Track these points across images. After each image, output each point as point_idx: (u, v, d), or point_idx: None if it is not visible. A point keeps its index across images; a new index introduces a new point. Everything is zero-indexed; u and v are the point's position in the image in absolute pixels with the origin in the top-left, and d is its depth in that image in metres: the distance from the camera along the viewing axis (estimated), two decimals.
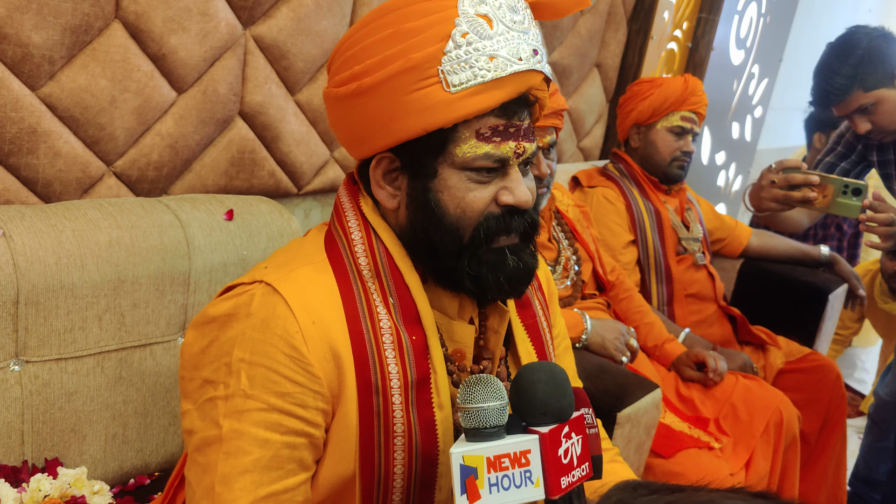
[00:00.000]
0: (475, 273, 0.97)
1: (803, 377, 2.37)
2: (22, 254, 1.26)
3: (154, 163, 1.64)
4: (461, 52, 0.90)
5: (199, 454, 0.94)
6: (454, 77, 0.90)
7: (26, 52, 1.38)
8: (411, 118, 0.92)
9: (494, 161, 0.95)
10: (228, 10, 1.67)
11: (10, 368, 1.28)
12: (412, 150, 0.96)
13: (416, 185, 0.97)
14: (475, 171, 0.95)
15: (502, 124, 0.94)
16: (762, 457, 1.94)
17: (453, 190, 0.95)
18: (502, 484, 0.83)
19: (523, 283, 1.00)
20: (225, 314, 0.95)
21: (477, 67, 0.90)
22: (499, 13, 0.92)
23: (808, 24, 4.56)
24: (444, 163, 0.95)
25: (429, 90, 0.91)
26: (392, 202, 1.00)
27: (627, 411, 1.63)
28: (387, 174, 0.99)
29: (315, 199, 2.07)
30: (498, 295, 1.00)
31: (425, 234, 0.97)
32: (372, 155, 0.99)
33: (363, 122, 0.96)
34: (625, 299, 2.18)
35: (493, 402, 0.86)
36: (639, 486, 0.49)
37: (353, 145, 1.01)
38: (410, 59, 0.91)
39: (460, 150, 0.94)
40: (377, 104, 0.93)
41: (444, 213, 0.96)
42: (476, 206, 0.95)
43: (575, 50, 2.71)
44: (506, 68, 0.91)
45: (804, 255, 2.77)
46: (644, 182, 2.43)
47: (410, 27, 0.92)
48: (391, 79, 0.92)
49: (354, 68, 0.95)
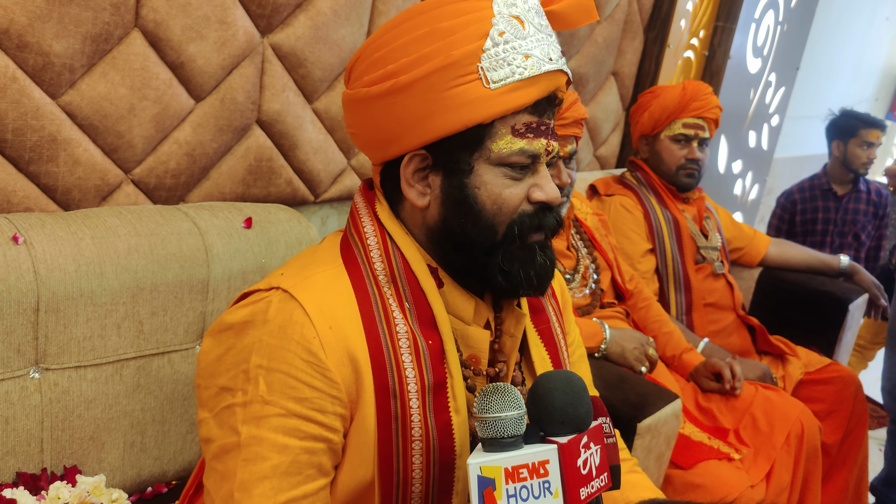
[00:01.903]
0: (507, 268, 0.98)
1: (823, 388, 2.34)
2: (42, 261, 1.26)
3: (172, 171, 1.64)
4: (500, 49, 0.93)
5: (217, 462, 0.94)
6: (494, 73, 0.93)
7: (47, 60, 1.38)
8: (450, 114, 0.94)
9: (528, 156, 0.97)
10: (247, 18, 1.67)
11: (31, 376, 1.28)
12: (447, 147, 0.96)
13: (451, 182, 0.98)
14: (510, 167, 0.97)
15: (535, 121, 0.97)
16: (783, 468, 1.92)
17: (490, 186, 0.97)
18: (521, 495, 0.82)
19: (548, 279, 1.02)
20: (242, 321, 0.95)
21: (515, 65, 0.93)
22: (528, 15, 0.96)
23: (826, 33, 4.54)
24: (479, 159, 0.96)
25: (468, 86, 0.93)
26: (422, 200, 1.00)
27: (648, 422, 1.61)
28: (417, 172, 1.00)
29: (332, 207, 2.07)
30: (528, 290, 1.01)
31: (462, 230, 0.98)
32: (401, 154, 0.99)
33: (396, 121, 0.97)
34: (643, 308, 2.17)
35: (511, 411, 0.85)
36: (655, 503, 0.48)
37: (381, 146, 1.01)
38: (450, 56, 0.92)
39: (496, 146, 0.96)
40: (413, 102, 0.94)
41: (481, 208, 0.97)
42: (512, 202, 0.97)
43: (592, 58, 2.71)
44: (540, 67, 0.94)
45: (823, 265, 2.75)
46: (662, 190, 2.41)
47: (447, 26, 0.93)
48: (429, 76, 0.93)
49: (388, 67, 0.95)
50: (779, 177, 4.60)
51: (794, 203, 3.69)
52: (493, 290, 1.02)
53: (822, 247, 3.60)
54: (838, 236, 3.65)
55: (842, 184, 3.64)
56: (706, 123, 2.36)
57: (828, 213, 3.62)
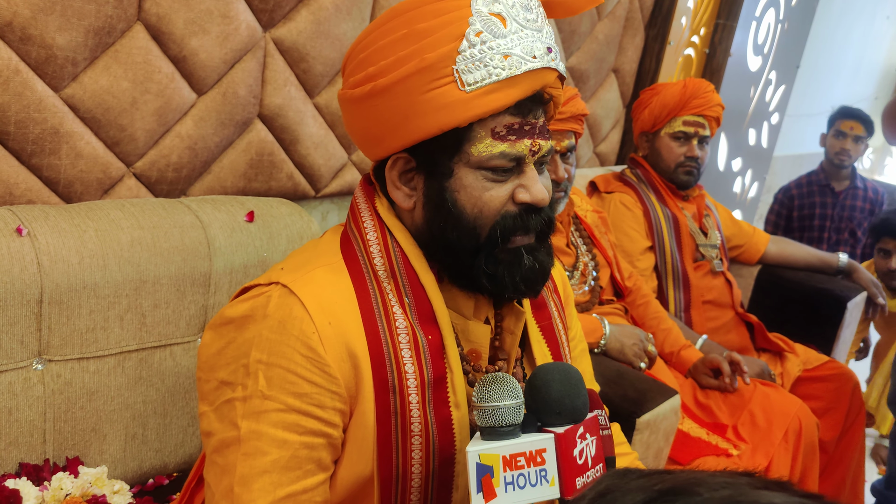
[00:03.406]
0: (491, 272, 0.97)
1: (821, 385, 2.35)
2: (46, 253, 1.27)
3: (174, 164, 1.65)
4: (475, 50, 0.91)
5: (217, 455, 0.94)
6: (469, 76, 0.91)
7: (50, 53, 1.39)
8: (427, 118, 0.93)
9: (510, 160, 0.95)
10: (249, 12, 1.68)
11: (34, 367, 1.29)
12: (428, 150, 0.96)
13: (432, 185, 0.97)
14: (491, 171, 0.95)
15: (517, 122, 0.95)
16: (781, 464, 1.93)
17: (470, 189, 0.95)
18: (518, 483, 0.84)
19: (539, 282, 1.00)
20: (242, 316, 0.95)
21: (492, 66, 0.91)
22: (512, 11, 0.93)
23: (826, 31, 4.55)
24: (459, 162, 0.95)
25: (443, 89, 0.91)
26: (408, 202, 1.00)
27: (647, 417, 1.62)
28: (402, 174, 1.00)
29: (332, 202, 2.07)
30: (514, 294, 1.00)
31: (442, 234, 0.97)
32: (387, 156, 0.99)
33: (378, 123, 0.97)
34: (642, 305, 2.17)
35: (509, 400, 0.86)
36: (629, 471, 0.50)
37: (369, 146, 1.02)
38: (425, 59, 0.91)
39: (476, 150, 0.94)
40: (392, 105, 0.94)
41: (461, 212, 0.96)
42: (493, 205, 0.96)
43: (592, 55, 2.71)
44: (520, 66, 0.92)
45: (822, 263, 2.75)
46: (661, 188, 2.41)
47: (424, 27, 0.92)
48: (406, 79, 0.92)
49: (368, 70, 0.95)
50: (778, 175, 4.61)
51: (792, 199, 3.71)
52: (480, 292, 1.01)
53: (818, 243, 3.62)
54: (835, 232, 3.67)
55: (839, 180, 3.65)
56: (707, 121, 2.36)
57: (825, 209, 3.64)
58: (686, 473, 0.46)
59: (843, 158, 3.57)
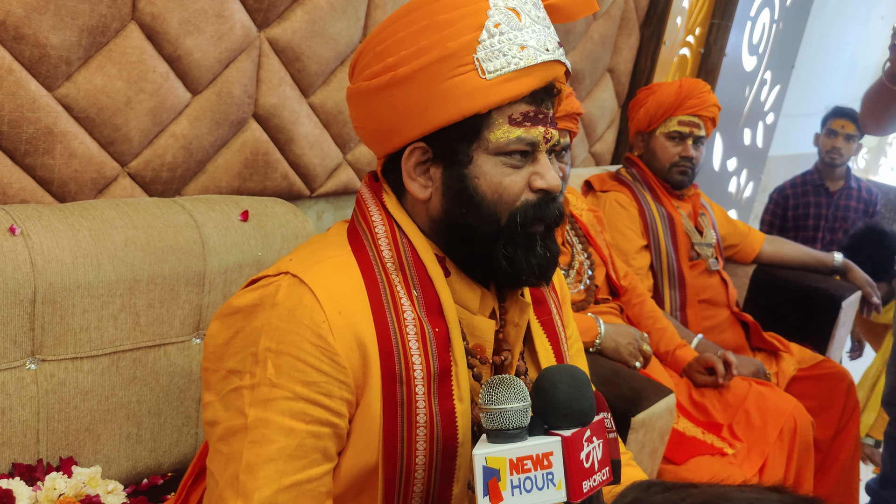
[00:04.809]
0: (510, 255, 1.00)
1: (816, 384, 2.35)
2: (39, 252, 1.27)
3: (168, 164, 1.65)
4: (495, 40, 0.95)
5: (223, 444, 0.94)
6: (489, 64, 0.95)
7: (44, 52, 1.38)
8: (448, 105, 0.95)
9: (526, 144, 0.98)
10: (243, 11, 1.67)
11: (27, 367, 1.28)
12: (446, 138, 0.98)
13: (451, 174, 0.99)
14: (508, 156, 0.98)
15: (532, 110, 0.98)
16: (776, 463, 1.93)
17: (489, 176, 0.98)
18: (524, 486, 0.83)
19: (550, 269, 1.04)
20: (250, 305, 0.96)
21: (510, 55, 0.95)
22: (525, 7, 0.98)
23: (821, 31, 4.56)
24: (479, 149, 0.98)
25: (465, 77, 0.95)
26: (424, 193, 1.01)
27: (642, 416, 1.62)
28: (418, 165, 1.01)
29: (328, 202, 2.07)
30: (529, 277, 1.02)
31: (464, 221, 0.99)
32: (401, 147, 1.01)
33: (396, 113, 0.99)
34: (637, 304, 2.18)
35: (516, 403, 0.86)
36: (653, 484, 0.49)
37: (383, 138, 1.03)
38: (447, 48, 0.94)
39: (494, 136, 0.97)
40: (412, 93, 0.96)
41: (482, 198, 0.99)
42: (512, 190, 0.99)
43: (588, 55, 2.71)
44: (536, 57, 0.96)
45: (817, 262, 2.76)
46: (657, 187, 2.42)
47: (444, 19, 0.95)
48: (427, 67, 0.95)
49: (388, 60, 0.98)
50: (773, 174, 4.62)
51: (787, 198, 3.71)
52: (497, 277, 1.03)
53: (813, 242, 3.63)
54: (829, 232, 3.67)
55: (833, 180, 3.66)
56: (702, 122, 2.36)
57: (819, 208, 3.65)
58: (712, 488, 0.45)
59: (835, 157, 3.57)
